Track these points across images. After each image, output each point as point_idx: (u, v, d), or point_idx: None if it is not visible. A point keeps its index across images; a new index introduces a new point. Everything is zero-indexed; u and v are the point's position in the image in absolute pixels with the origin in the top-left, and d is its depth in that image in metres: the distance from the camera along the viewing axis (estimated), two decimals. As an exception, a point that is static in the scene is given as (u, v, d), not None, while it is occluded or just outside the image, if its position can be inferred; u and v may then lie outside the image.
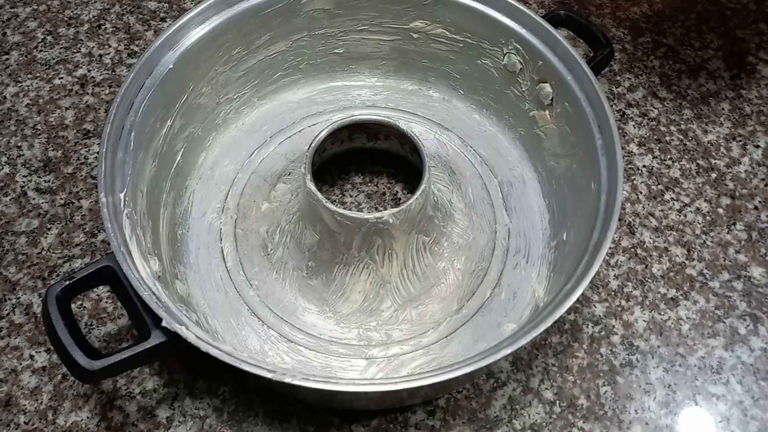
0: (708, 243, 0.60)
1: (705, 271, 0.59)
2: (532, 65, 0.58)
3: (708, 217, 0.61)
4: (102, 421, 0.51)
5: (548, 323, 0.43)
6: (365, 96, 0.66)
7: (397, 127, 0.56)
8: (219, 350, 0.43)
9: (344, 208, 0.53)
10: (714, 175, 0.64)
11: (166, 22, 0.72)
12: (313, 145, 0.55)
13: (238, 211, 0.60)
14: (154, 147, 0.55)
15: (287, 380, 0.42)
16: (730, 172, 0.64)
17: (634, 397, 0.53)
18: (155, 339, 0.44)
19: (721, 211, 0.62)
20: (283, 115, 0.65)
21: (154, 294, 0.45)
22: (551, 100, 0.57)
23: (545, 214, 0.59)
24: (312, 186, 0.53)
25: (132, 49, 0.70)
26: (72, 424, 0.51)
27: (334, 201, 0.61)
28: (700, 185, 0.63)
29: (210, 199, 0.60)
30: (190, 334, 0.43)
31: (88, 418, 0.51)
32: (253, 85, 0.63)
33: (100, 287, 0.55)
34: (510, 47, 0.59)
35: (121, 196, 0.49)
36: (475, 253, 0.57)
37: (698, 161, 0.64)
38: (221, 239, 0.58)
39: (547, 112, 0.58)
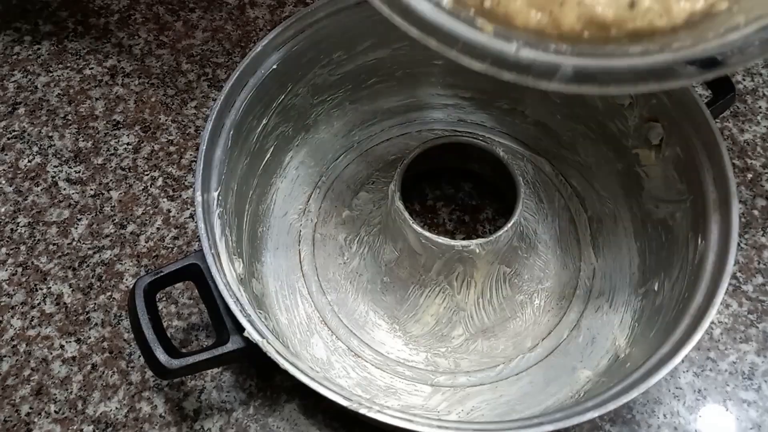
0: (742, 245, 0.60)
1: (738, 274, 0.59)
2: (644, 102, 0.55)
3: (743, 219, 0.61)
4: (130, 412, 0.52)
5: (641, 389, 0.42)
6: (457, 110, 0.66)
7: (493, 152, 0.56)
8: (297, 369, 0.43)
9: (430, 231, 0.52)
10: (750, 176, 0.64)
11: (195, 12, 0.72)
12: (405, 162, 0.55)
13: (318, 215, 0.60)
14: (248, 145, 0.55)
15: (362, 411, 0.42)
16: (767, 173, 0.64)
17: (663, 402, 0.54)
18: (233, 344, 0.45)
19: (756, 212, 0.62)
20: (373, 122, 0.65)
21: (238, 300, 0.45)
22: (660, 140, 0.55)
23: (635, 258, 0.58)
24: (400, 205, 0.53)
25: (161, 40, 0.70)
26: (101, 414, 0.52)
27: (413, 215, 0.60)
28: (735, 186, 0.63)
29: (293, 199, 0.60)
30: (271, 348, 0.44)
31: (117, 408, 0.53)
32: (348, 88, 0.63)
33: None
34: (620, 80, 0.57)
35: (215, 194, 0.49)
36: (556, 290, 0.57)
37: (733, 161, 0.65)
38: (299, 241, 0.58)
39: (653, 152, 0.56)
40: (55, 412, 0.52)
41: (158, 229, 0.59)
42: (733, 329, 0.56)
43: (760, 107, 0.68)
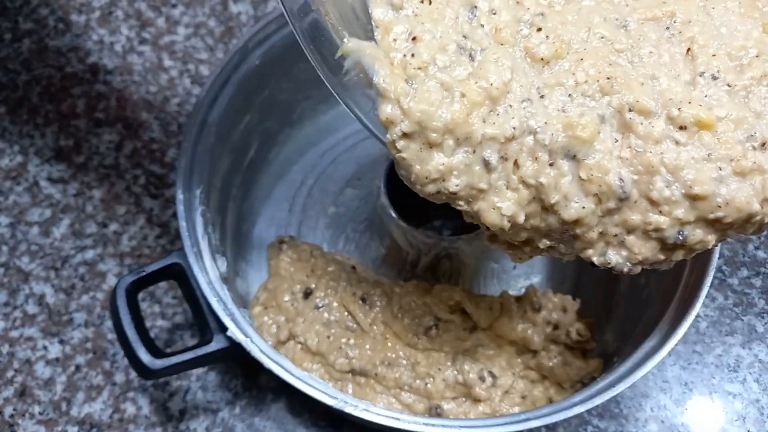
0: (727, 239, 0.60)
1: (724, 267, 0.60)
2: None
3: (727, 211, 0.62)
4: (115, 413, 0.53)
5: (628, 383, 0.43)
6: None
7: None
8: (282, 368, 0.43)
9: (416, 227, 0.52)
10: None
11: (177, 8, 0.72)
12: (390, 158, 0.54)
13: (304, 212, 0.59)
14: (232, 141, 0.55)
15: (348, 410, 0.42)
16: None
17: (650, 395, 0.54)
18: (217, 344, 0.45)
19: (740, 206, 0.62)
20: (359, 117, 0.64)
21: (222, 299, 0.45)
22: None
23: (623, 251, 0.58)
24: (386, 201, 0.52)
25: (143, 36, 0.70)
26: (86, 415, 0.52)
27: (399, 211, 0.60)
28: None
29: (278, 196, 0.60)
30: (255, 347, 0.44)
31: (101, 409, 0.53)
32: (334, 83, 0.63)
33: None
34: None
35: (198, 192, 0.49)
36: (544, 285, 0.57)
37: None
38: (285, 239, 0.57)
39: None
40: (39, 413, 0.52)
41: (141, 228, 0.59)
42: (719, 322, 0.57)
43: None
